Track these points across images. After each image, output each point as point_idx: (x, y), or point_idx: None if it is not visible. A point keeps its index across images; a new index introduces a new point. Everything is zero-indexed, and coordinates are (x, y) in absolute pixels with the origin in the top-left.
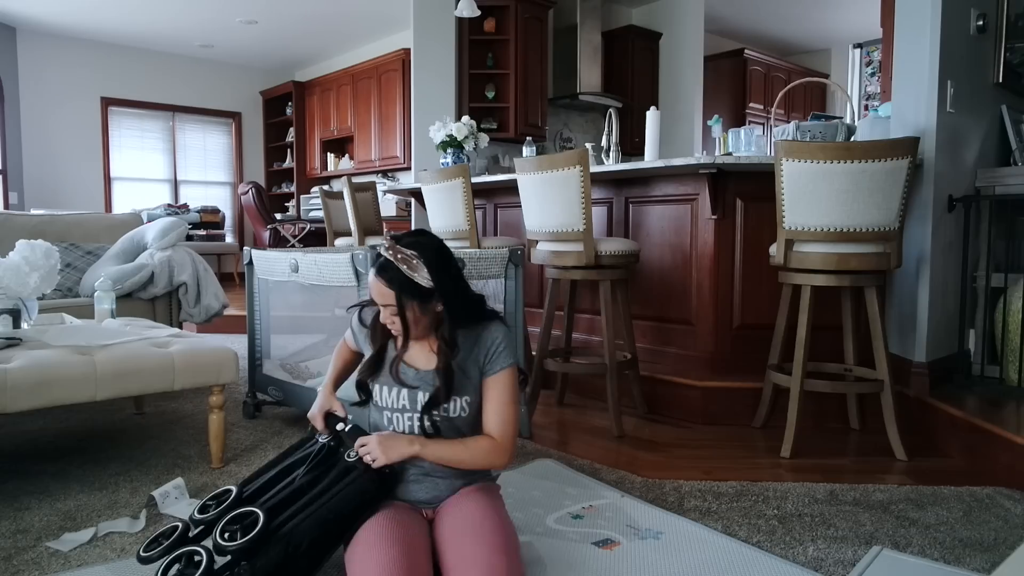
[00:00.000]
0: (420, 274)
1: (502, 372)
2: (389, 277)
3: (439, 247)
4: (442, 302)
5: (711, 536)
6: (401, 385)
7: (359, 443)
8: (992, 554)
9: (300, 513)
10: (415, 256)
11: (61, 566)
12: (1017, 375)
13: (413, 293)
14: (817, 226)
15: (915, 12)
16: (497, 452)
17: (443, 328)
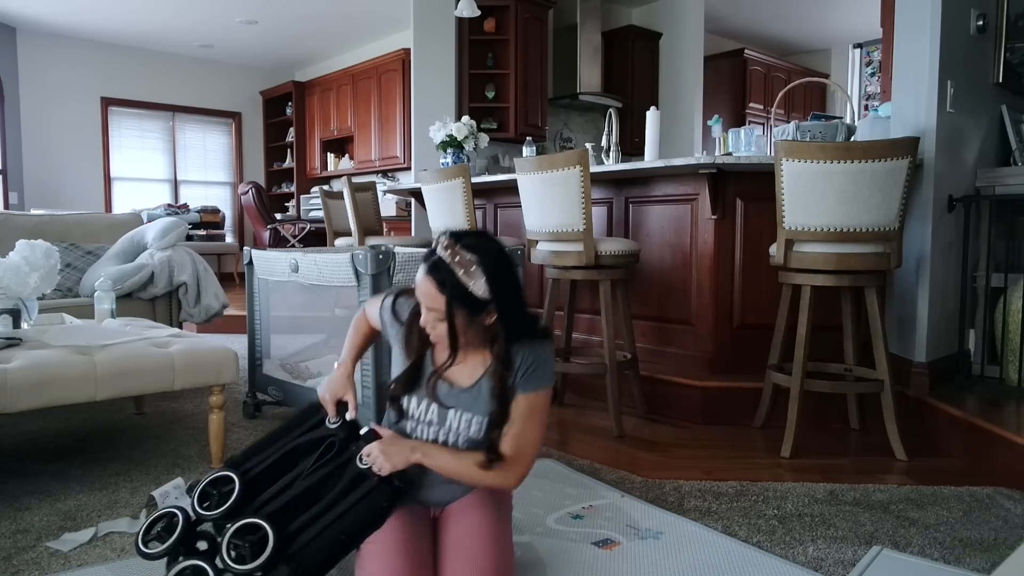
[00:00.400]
0: (477, 282)
1: (536, 393)
2: (441, 279)
3: (501, 253)
4: (497, 315)
5: (711, 536)
6: (435, 402)
7: (364, 452)
8: (992, 554)
9: (311, 527)
10: (474, 261)
11: (61, 566)
12: (1017, 375)
13: (464, 301)
14: (817, 226)
15: (915, 12)
16: (506, 474)
17: (498, 345)
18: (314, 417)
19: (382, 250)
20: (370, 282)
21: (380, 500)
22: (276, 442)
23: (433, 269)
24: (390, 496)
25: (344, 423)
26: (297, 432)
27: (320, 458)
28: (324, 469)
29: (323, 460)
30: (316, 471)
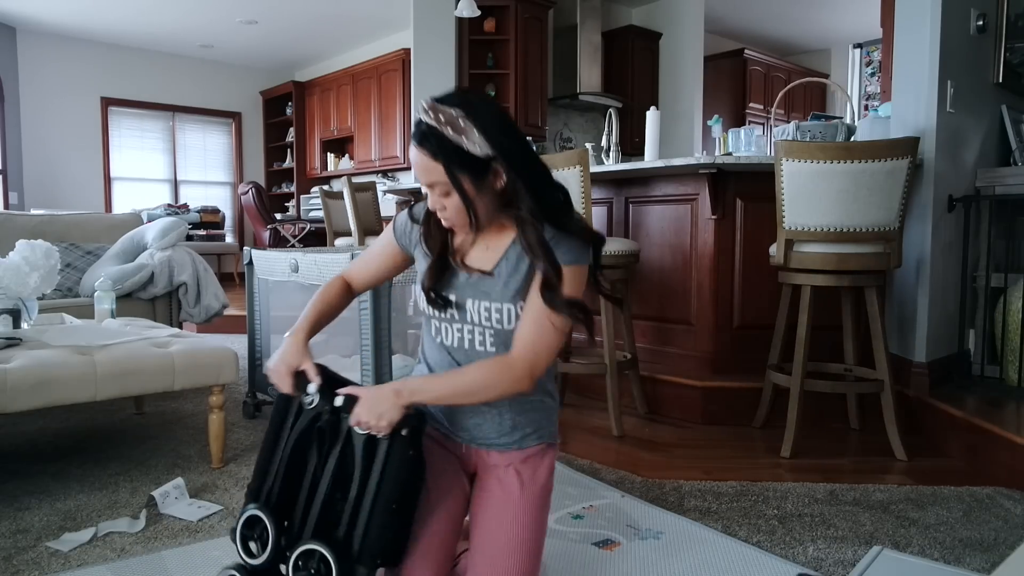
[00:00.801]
0: (470, 136)
1: (568, 267)
2: (434, 147)
3: (490, 102)
4: (507, 171)
5: (711, 536)
6: (452, 288)
7: (352, 421)
8: (992, 554)
9: (358, 518)
10: (461, 115)
11: (61, 566)
12: (1017, 375)
13: (465, 163)
14: (817, 226)
15: (915, 12)
16: (509, 374)
17: (520, 201)
18: (291, 406)
19: None
20: None
21: (403, 453)
22: (275, 449)
23: (422, 139)
24: (408, 443)
25: (320, 398)
26: (286, 429)
27: (321, 447)
28: (333, 456)
29: (326, 447)
30: (327, 462)
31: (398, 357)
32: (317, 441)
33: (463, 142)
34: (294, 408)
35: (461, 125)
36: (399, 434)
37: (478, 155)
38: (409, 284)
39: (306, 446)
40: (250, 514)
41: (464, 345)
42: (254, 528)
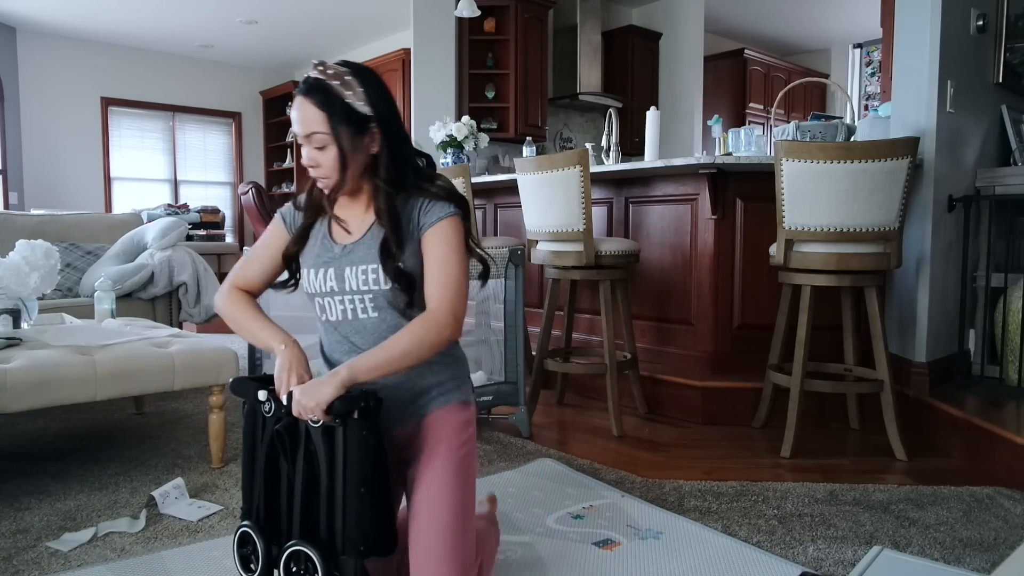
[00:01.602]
0: (355, 93)
1: (440, 223)
2: (320, 98)
3: (371, 70)
4: (381, 134)
5: (711, 536)
6: (328, 262)
7: (295, 410)
8: (992, 554)
9: (335, 510)
10: (349, 72)
11: (61, 566)
12: (1017, 375)
13: (347, 118)
14: (817, 226)
15: (915, 12)
16: (432, 325)
17: (384, 166)
18: (256, 422)
19: None
20: None
21: (358, 436)
22: (252, 466)
23: (310, 90)
24: (361, 424)
25: (273, 403)
26: (258, 444)
27: (286, 451)
28: (299, 456)
29: (290, 450)
30: (295, 464)
31: None
32: (280, 445)
33: (349, 97)
34: (260, 422)
35: (348, 81)
36: (351, 418)
37: (360, 112)
38: None
39: (276, 454)
40: (241, 532)
41: (348, 316)
42: (247, 545)
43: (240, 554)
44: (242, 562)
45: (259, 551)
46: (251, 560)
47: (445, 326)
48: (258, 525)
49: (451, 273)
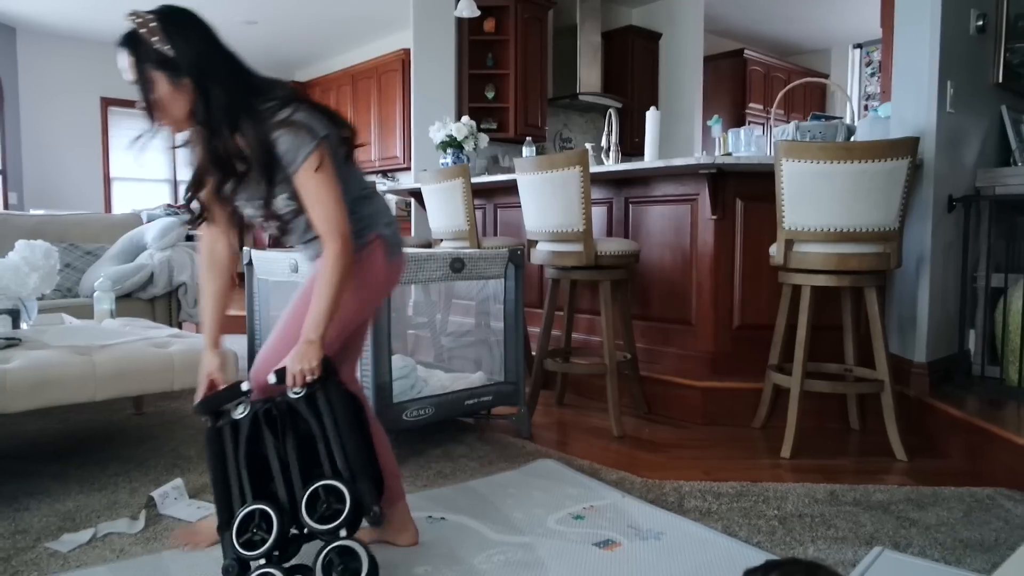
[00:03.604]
0: (163, 40)
1: (302, 166)
2: (131, 48)
3: (196, 15)
4: (195, 76)
5: (712, 536)
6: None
7: (289, 383)
8: (992, 554)
9: (335, 457)
10: (157, 19)
11: (60, 567)
12: (1017, 375)
13: (159, 63)
14: (817, 226)
15: (915, 12)
16: (332, 260)
17: (213, 108)
18: (223, 436)
19: None
20: None
21: (337, 388)
22: (227, 477)
23: (123, 41)
24: (335, 380)
25: (247, 402)
26: (229, 456)
27: (276, 433)
28: (289, 435)
29: (280, 431)
30: (286, 443)
31: (398, 357)
32: (270, 429)
33: (157, 43)
34: (228, 434)
35: (155, 28)
36: (330, 378)
37: (172, 57)
38: (409, 284)
39: (259, 447)
40: (246, 512)
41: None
42: (250, 522)
43: (243, 540)
44: (246, 545)
45: (272, 521)
46: (256, 543)
47: (341, 253)
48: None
49: (326, 206)
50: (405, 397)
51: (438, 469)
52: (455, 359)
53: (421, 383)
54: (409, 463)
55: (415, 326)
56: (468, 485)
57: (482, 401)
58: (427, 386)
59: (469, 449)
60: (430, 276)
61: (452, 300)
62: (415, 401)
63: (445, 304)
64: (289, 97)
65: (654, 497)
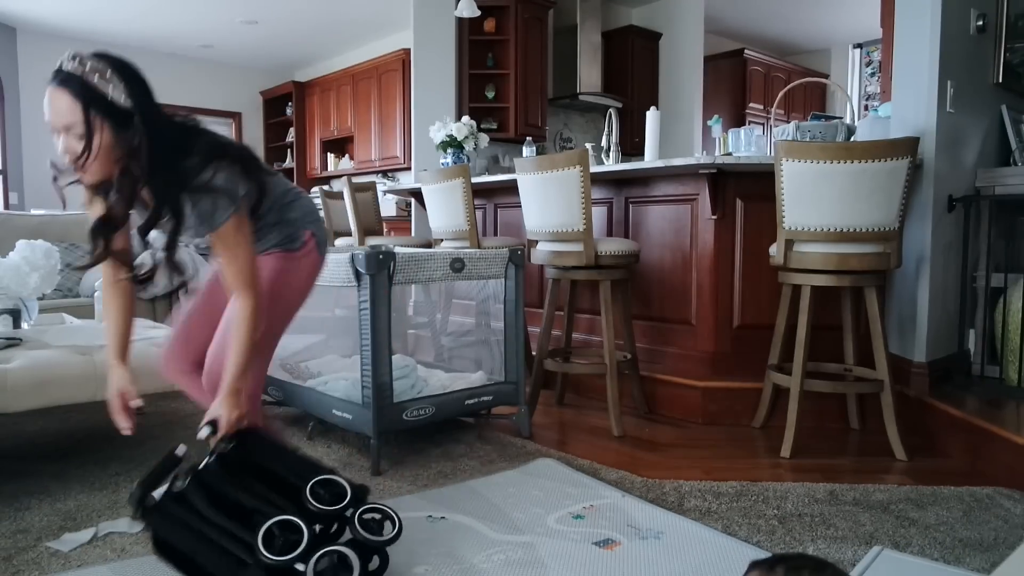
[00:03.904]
0: (115, 87)
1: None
2: (77, 90)
3: (130, 64)
4: (143, 126)
5: (711, 536)
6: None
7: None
8: (992, 554)
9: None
10: (108, 67)
11: (61, 566)
12: (1017, 375)
13: (107, 110)
14: (817, 226)
15: (915, 12)
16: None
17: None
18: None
19: (382, 250)
20: (370, 282)
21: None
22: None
23: (64, 81)
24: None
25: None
26: (208, 511)
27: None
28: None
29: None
30: (247, 490)
31: (398, 357)
32: (231, 476)
33: (108, 91)
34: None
35: (108, 75)
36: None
37: (120, 105)
38: (409, 284)
39: (224, 496)
40: (266, 529)
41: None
42: (272, 536)
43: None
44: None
45: (302, 533)
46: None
47: (254, 308)
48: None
49: (240, 263)
50: (405, 397)
51: (438, 469)
52: (455, 359)
53: (421, 383)
54: (409, 463)
55: (415, 326)
56: (468, 485)
57: (482, 401)
58: (427, 386)
59: (469, 449)
60: (430, 276)
61: (452, 300)
62: (415, 401)
63: (445, 304)
64: (209, 153)
65: (654, 497)
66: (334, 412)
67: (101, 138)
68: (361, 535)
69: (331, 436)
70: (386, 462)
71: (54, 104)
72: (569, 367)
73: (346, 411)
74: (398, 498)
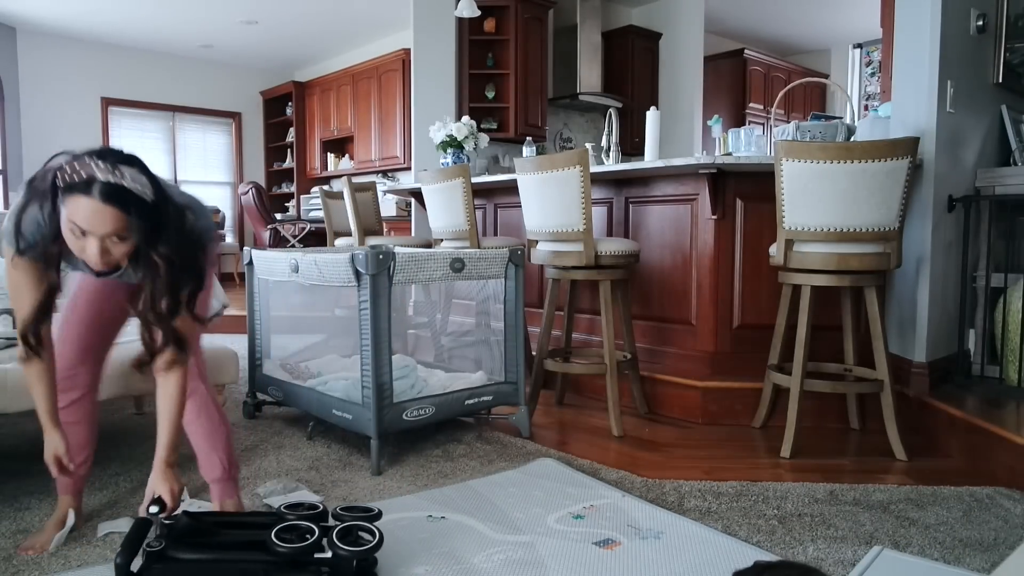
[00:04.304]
0: (144, 187)
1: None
2: (122, 203)
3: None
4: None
5: (712, 536)
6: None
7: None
8: (992, 554)
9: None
10: (136, 169)
11: (62, 566)
12: (1017, 375)
13: (142, 210)
14: (817, 226)
15: (915, 12)
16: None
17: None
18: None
19: (382, 250)
20: (370, 282)
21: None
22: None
23: (110, 196)
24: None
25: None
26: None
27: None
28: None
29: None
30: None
31: (398, 357)
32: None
33: (142, 193)
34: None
35: (138, 178)
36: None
37: (150, 203)
38: (409, 284)
39: (203, 546)
40: (298, 523)
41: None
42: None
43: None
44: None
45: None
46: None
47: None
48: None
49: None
50: (405, 397)
51: (438, 469)
52: (455, 359)
53: (421, 383)
54: (409, 463)
55: (415, 326)
56: (468, 485)
57: (482, 401)
58: (427, 386)
59: (469, 449)
60: (430, 276)
61: (452, 300)
62: (415, 401)
63: (445, 304)
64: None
65: (654, 496)
66: (334, 412)
67: (138, 238)
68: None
69: (331, 436)
70: (386, 462)
71: (99, 216)
72: (569, 367)
73: (346, 411)
74: (398, 498)
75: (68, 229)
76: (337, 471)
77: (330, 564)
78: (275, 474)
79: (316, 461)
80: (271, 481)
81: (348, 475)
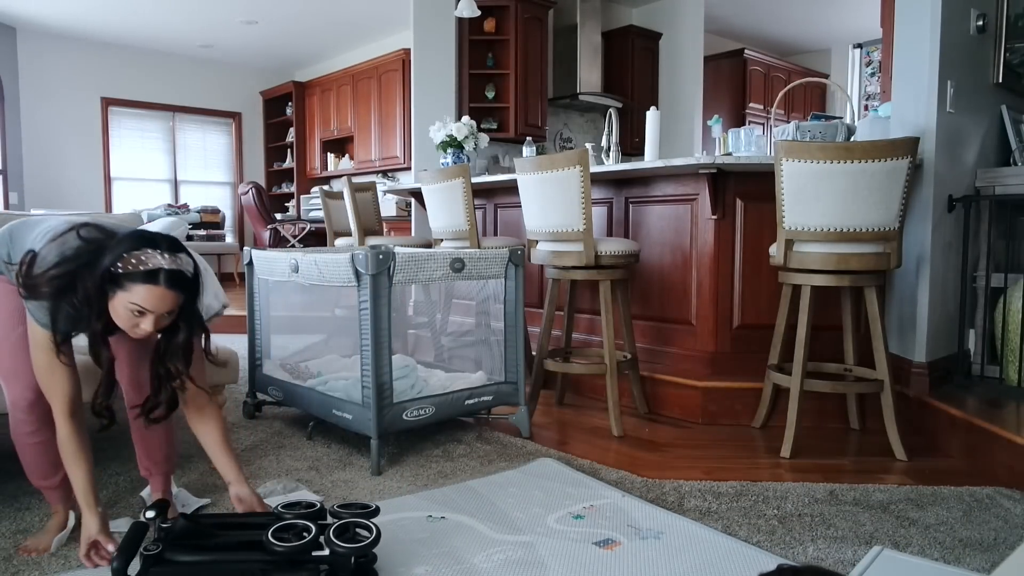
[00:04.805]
0: (189, 267)
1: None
2: (182, 288)
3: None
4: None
5: (711, 536)
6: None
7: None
8: (992, 554)
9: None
10: (183, 253)
11: (62, 566)
12: (1017, 375)
13: (191, 290)
14: (817, 226)
15: (915, 12)
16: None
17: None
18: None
19: (382, 250)
20: (370, 282)
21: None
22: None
23: (175, 283)
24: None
25: (145, 521)
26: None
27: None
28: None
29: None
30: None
31: (398, 357)
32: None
33: (190, 273)
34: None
35: (186, 259)
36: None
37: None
38: (409, 284)
39: (203, 547)
40: (298, 524)
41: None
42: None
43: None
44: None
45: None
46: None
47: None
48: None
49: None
50: (405, 397)
51: (438, 469)
52: (455, 359)
53: (421, 383)
54: (409, 463)
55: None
56: (468, 485)
57: (482, 401)
58: (427, 386)
59: (469, 449)
60: (430, 276)
61: (452, 300)
62: (415, 401)
63: (445, 304)
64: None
65: (654, 497)
66: (334, 412)
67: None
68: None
69: (331, 436)
70: (386, 462)
71: (163, 299)
72: (569, 367)
73: (346, 411)
74: (398, 498)
75: (127, 310)
76: (337, 471)
77: (328, 562)
78: (275, 474)
79: (316, 461)
80: (271, 481)
81: (348, 475)
